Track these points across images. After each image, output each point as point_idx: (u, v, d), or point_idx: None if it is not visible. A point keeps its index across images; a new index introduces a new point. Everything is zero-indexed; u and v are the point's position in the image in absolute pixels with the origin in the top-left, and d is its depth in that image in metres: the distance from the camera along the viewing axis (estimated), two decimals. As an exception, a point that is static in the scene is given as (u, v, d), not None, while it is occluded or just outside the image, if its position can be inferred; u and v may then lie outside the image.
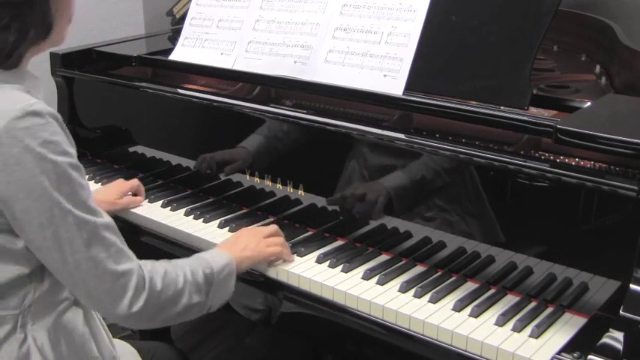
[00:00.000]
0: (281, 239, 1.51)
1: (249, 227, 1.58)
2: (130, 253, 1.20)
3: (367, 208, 1.52)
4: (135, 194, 1.82)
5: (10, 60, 1.17)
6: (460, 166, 1.37)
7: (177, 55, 1.96)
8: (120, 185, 1.81)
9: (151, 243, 1.73)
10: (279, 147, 1.66)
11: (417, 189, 1.45)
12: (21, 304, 1.20)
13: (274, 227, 1.53)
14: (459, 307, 1.30)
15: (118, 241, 1.18)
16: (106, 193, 1.76)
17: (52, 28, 1.20)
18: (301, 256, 1.51)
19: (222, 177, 1.78)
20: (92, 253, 1.13)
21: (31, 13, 1.15)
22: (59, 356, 1.23)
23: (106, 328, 1.37)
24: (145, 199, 1.83)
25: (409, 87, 1.51)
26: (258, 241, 1.46)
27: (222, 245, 1.46)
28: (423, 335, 1.28)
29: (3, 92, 1.14)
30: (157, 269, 1.22)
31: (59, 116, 1.15)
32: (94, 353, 1.29)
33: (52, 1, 1.18)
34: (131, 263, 1.18)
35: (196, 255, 1.36)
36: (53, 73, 2.11)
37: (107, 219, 1.18)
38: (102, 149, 2.11)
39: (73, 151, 1.15)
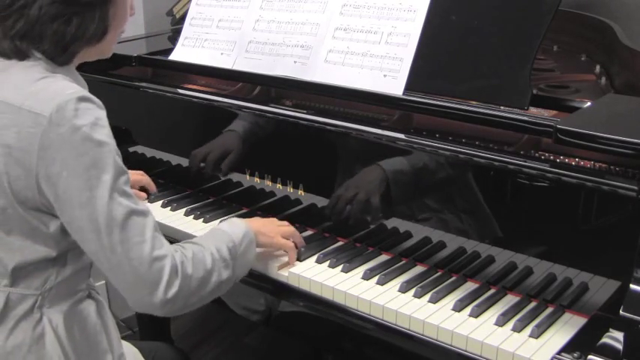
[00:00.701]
0: (294, 229, 1.52)
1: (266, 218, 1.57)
2: (165, 241, 1.22)
3: (366, 193, 1.51)
4: (143, 189, 1.84)
5: (65, 55, 1.23)
6: (462, 163, 1.37)
7: (177, 55, 1.96)
8: (133, 175, 1.82)
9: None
10: (282, 147, 1.66)
11: (416, 177, 1.44)
12: (42, 285, 1.24)
13: (292, 228, 1.54)
14: (459, 307, 1.31)
15: (153, 227, 1.19)
16: None
17: (107, 33, 1.26)
18: (301, 256, 1.51)
19: (222, 176, 1.78)
20: (127, 235, 1.15)
21: (91, 14, 1.22)
22: (72, 340, 1.26)
23: (117, 327, 1.38)
24: (145, 199, 1.83)
25: (409, 87, 1.51)
26: (272, 227, 1.49)
27: (240, 219, 1.46)
28: (423, 335, 1.28)
29: (56, 80, 1.20)
30: (185, 253, 1.24)
31: (105, 110, 1.20)
32: (103, 345, 1.31)
33: (111, 9, 1.25)
34: (165, 249, 1.20)
35: (215, 229, 1.38)
36: (53, 73, 2.11)
37: (143, 206, 1.20)
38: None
39: (113, 141, 1.19)
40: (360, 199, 1.51)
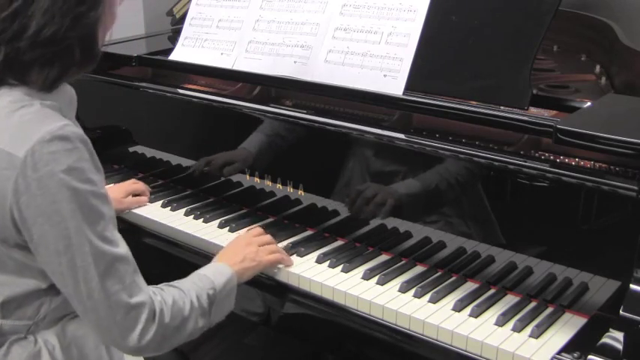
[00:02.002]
0: (276, 246, 1.49)
1: (242, 235, 1.53)
2: (143, 284, 1.19)
3: (375, 211, 1.51)
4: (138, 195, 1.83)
5: (52, 90, 1.16)
6: (473, 176, 1.36)
7: (177, 55, 1.96)
8: (128, 185, 1.82)
9: (151, 243, 1.73)
10: (281, 146, 1.66)
11: (429, 198, 1.44)
12: (36, 315, 1.22)
13: (267, 237, 1.50)
14: (459, 307, 1.31)
15: (133, 272, 1.16)
16: (112, 191, 1.76)
17: (96, 54, 1.19)
18: (301, 256, 1.51)
19: (223, 177, 1.78)
20: (106, 284, 1.12)
21: (78, 48, 1.14)
22: (70, 359, 1.24)
23: None
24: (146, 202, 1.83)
25: (409, 87, 1.51)
26: (256, 250, 1.44)
27: (222, 257, 1.42)
28: (423, 335, 1.28)
29: (34, 111, 1.12)
30: (166, 299, 1.20)
31: (88, 141, 1.13)
32: (104, 358, 1.30)
33: (100, 31, 1.17)
34: (143, 296, 1.16)
35: (199, 273, 1.33)
36: (53, 73, 2.11)
37: (123, 249, 1.16)
38: (102, 149, 2.10)
39: (97, 177, 1.14)
40: (369, 212, 1.52)
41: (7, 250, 1.16)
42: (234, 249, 1.45)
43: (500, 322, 1.26)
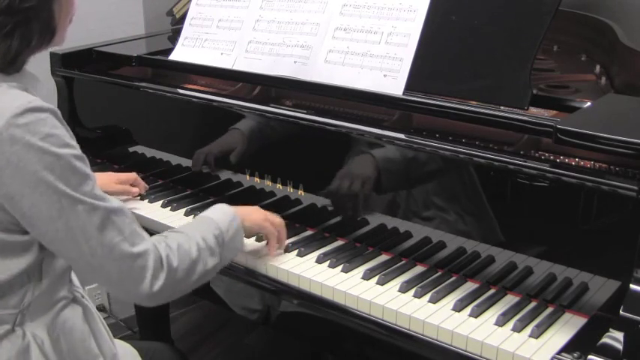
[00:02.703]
0: (281, 222, 1.52)
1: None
2: (144, 233, 1.21)
3: (357, 182, 1.51)
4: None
5: (14, 66, 1.18)
6: (470, 176, 1.36)
7: (177, 55, 1.96)
8: (123, 175, 1.82)
9: (150, 243, 1.72)
10: (271, 135, 1.65)
11: (407, 167, 1.44)
12: (20, 303, 1.20)
13: (279, 219, 1.53)
14: (459, 307, 1.30)
15: (131, 222, 1.18)
16: (104, 177, 1.78)
17: (56, 32, 1.21)
18: (301, 256, 1.51)
19: (222, 176, 1.78)
20: (106, 237, 1.14)
21: (35, 20, 1.16)
22: (59, 352, 1.24)
23: (107, 326, 1.37)
24: (145, 199, 1.83)
25: (409, 87, 1.51)
26: (261, 215, 1.48)
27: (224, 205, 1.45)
28: (423, 335, 1.28)
29: (3, 92, 1.14)
30: (170, 245, 1.23)
31: (58, 111, 1.15)
32: (94, 351, 1.29)
33: (55, 7, 1.18)
34: (146, 243, 1.19)
35: (201, 216, 1.37)
36: (53, 73, 2.11)
37: (116, 203, 1.18)
38: (102, 149, 2.11)
39: (74, 143, 1.15)
40: (353, 189, 1.52)
41: None
42: (241, 207, 1.48)
43: (500, 322, 1.26)
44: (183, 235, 1.27)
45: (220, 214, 1.38)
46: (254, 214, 1.49)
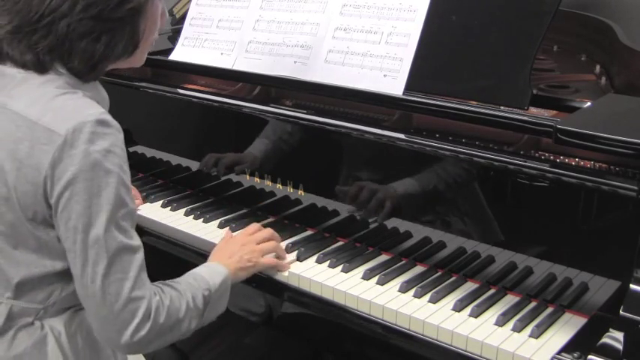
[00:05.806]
0: (275, 243, 1.50)
1: (243, 231, 1.53)
2: (147, 282, 1.20)
3: (373, 210, 1.51)
4: None
5: (94, 73, 1.22)
6: (470, 176, 1.36)
7: (177, 55, 1.96)
8: None
9: (151, 243, 1.72)
10: (285, 149, 1.66)
11: (427, 198, 1.44)
12: (46, 300, 1.24)
13: (269, 231, 1.51)
14: (459, 307, 1.31)
15: (139, 266, 1.18)
16: None
17: (138, 47, 1.25)
18: (301, 256, 1.51)
19: (223, 177, 1.78)
20: (111, 271, 1.14)
21: (121, 30, 1.20)
22: (74, 347, 1.26)
23: None
24: (145, 199, 1.83)
25: (409, 87, 1.51)
26: (252, 249, 1.44)
27: (218, 256, 1.44)
28: (423, 335, 1.28)
29: (77, 98, 1.19)
30: (164, 300, 1.21)
31: (122, 132, 1.18)
32: (107, 351, 1.31)
33: (142, 23, 1.23)
34: (144, 291, 1.18)
35: (194, 273, 1.34)
36: (53, 73, 2.11)
37: (136, 242, 1.18)
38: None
39: (127, 168, 1.18)
40: (366, 211, 1.52)
41: (33, 228, 1.19)
42: (230, 248, 1.45)
43: (500, 322, 1.26)
44: (177, 293, 1.25)
45: (213, 274, 1.34)
46: (245, 258, 1.42)
